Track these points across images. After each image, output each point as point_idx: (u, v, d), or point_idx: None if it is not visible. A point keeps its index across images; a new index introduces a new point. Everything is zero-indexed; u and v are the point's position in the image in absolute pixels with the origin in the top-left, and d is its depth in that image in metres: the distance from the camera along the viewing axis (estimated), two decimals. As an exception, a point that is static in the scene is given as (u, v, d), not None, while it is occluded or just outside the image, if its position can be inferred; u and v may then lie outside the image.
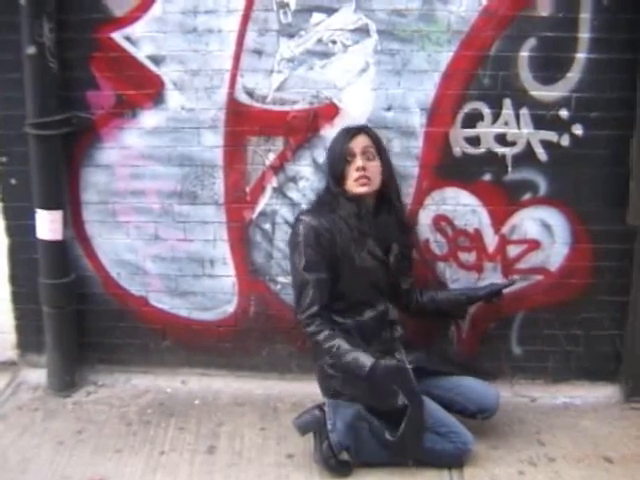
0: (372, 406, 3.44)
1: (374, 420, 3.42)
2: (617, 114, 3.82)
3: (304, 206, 3.92)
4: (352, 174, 3.51)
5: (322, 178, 3.81)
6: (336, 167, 3.54)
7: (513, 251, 4.03)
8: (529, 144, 3.88)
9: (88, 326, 4.28)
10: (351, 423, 3.40)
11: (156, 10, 3.85)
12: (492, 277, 4.03)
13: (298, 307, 3.49)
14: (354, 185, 3.51)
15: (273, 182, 4.01)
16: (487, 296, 3.86)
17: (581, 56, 3.76)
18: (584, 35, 3.74)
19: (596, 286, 4.05)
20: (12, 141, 4.02)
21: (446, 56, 3.81)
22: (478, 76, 3.82)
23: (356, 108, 3.89)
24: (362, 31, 3.81)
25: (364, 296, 3.58)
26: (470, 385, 3.63)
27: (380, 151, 3.61)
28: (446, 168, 3.94)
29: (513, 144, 3.89)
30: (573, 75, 3.79)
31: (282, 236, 3.97)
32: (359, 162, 3.51)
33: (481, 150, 3.91)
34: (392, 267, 3.64)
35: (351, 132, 3.58)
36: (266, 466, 3.52)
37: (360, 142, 3.54)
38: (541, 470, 3.50)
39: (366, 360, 3.34)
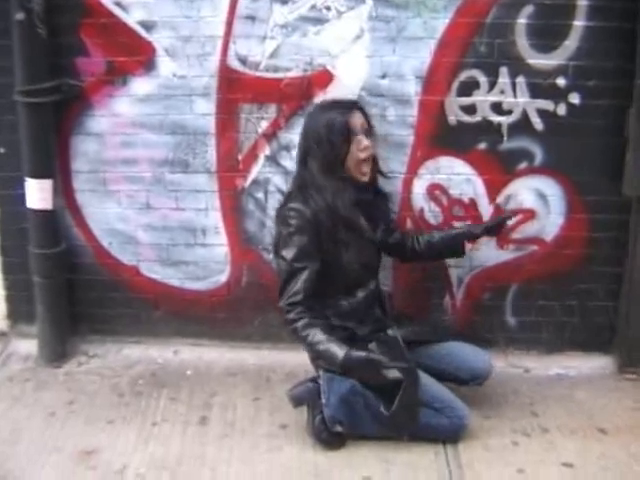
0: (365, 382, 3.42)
1: (369, 394, 3.39)
2: (615, 83, 3.78)
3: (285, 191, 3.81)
4: (357, 154, 3.40)
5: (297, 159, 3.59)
6: (338, 148, 3.37)
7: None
8: (525, 113, 3.85)
9: (79, 296, 4.26)
10: (346, 397, 3.38)
11: (147, -26, 3.80)
12: (487, 246, 4.03)
13: (281, 294, 3.39)
14: (359, 168, 3.43)
15: (266, 150, 3.98)
16: (489, 229, 3.78)
17: (579, 24, 3.71)
18: (582, 2, 3.68)
19: (591, 257, 4.04)
20: (1, 109, 3.96)
21: (442, 23, 3.75)
22: (474, 44, 3.77)
23: (350, 75, 3.84)
24: (357, -3, 3.76)
25: (356, 277, 3.52)
26: (461, 352, 3.61)
27: (371, 128, 3.53)
28: (441, 137, 3.91)
29: (509, 113, 3.85)
30: (570, 43, 3.74)
31: (275, 204, 3.90)
32: (365, 141, 3.40)
33: (477, 119, 3.87)
34: (379, 241, 3.64)
35: (346, 107, 3.47)
36: (259, 437, 3.52)
37: (358, 118, 3.43)
38: (535, 441, 3.51)
39: (338, 352, 3.24)
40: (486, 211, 4.00)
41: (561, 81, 3.79)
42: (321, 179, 3.38)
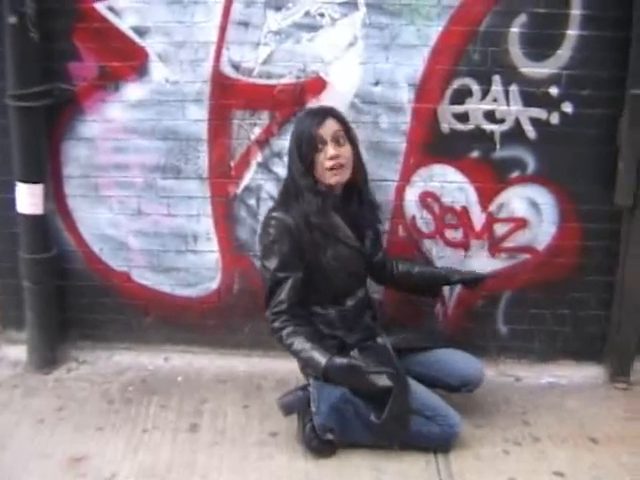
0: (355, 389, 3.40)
1: (359, 402, 3.37)
2: (608, 93, 3.79)
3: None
4: (324, 163, 3.38)
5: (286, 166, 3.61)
6: (305, 156, 3.39)
7: (500, 229, 4.01)
8: (518, 121, 3.85)
9: (70, 302, 4.23)
10: (336, 405, 3.36)
11: (140, -21, 3.78)
12: (479, 255, 4.03)
13: (267, 303, 3.41)
14: (327, 175, 3.40)
15: (258, 157, 3.97)
16: (466, 281, 3.78)
17: (572, 33, 3.72)
18: (575, 12, 3.70)
19: (584, 266, 4.04)
20: (-8, 113, 3.95)
21: (435, 31, 3.75)
22: (467, 52, 3.78)
23: (343, 82, 3.84)
24: (350, 4, 3.75)
25: (344, 285, 3.53)
26: (450, 359, 3.60)
27: (349, 134, 3.49)
28: (434, 145, 3.91)
29: (502, 121, 3.85)
30: (564, 52, 3.75)
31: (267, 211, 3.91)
32: (331, 150, 3.36)
33: (469, 127, 3.87)
34: (368, 252, 3.63)
35: (318, 116, 3.43)
36: (249, 445, 3.50)
37: (329, 127, 3.39)
38: (526, 450, 3.49)
39: (321, 359, 3.25)
40: (478, 219, 3.99)
41: (554, 90, 3.79)
42: (298, 186, 3.41)
